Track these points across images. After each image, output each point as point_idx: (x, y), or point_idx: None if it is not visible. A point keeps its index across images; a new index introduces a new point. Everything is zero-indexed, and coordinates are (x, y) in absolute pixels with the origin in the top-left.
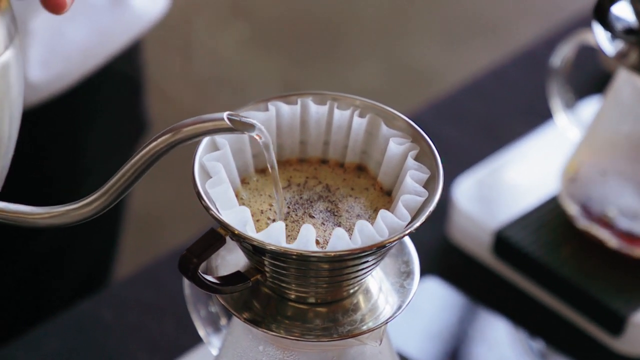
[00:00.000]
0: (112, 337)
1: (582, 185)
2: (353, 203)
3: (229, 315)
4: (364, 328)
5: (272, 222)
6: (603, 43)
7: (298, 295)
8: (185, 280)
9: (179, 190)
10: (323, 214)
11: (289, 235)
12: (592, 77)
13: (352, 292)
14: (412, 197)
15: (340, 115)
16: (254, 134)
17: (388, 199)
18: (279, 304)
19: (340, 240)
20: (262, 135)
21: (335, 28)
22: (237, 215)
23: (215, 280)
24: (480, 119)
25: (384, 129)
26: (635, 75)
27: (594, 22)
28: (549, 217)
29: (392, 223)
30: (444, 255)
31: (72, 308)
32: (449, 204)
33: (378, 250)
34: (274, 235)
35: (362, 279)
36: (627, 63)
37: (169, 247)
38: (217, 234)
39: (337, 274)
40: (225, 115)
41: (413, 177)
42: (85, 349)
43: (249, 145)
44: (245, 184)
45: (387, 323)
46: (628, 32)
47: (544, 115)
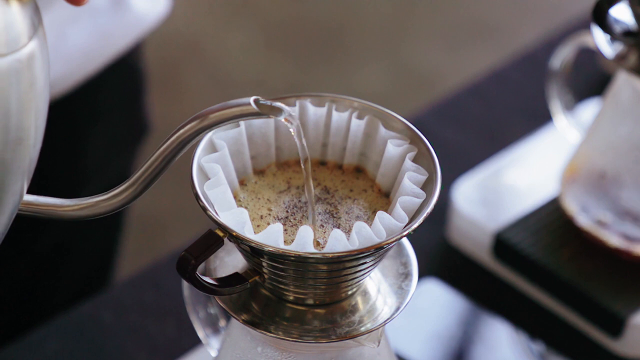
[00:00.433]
0: (112, 338)
1: (581, 187)
2: (352, 205)
3: (228, 317)
4: (362, 329)
5: None
6: (602, 45)
7: (296, 297)
8: (185, 282)
9: (181, 193)
10: (322, 216)
11: (288, 239)
12: (592, 79)
13: (350, 293)
14: (409, 198)
15: (339, 117)
16: (282, 118)
17: (386, 201)
18: (278, 306)
19: (338, 242)
20: (291, 120)
21: (340, 32)
22: (235, 217)
23: (213, 282)
24: (480, 121)
25: (382, 131)
26: (635, 77)
27: (593, 24)
28: (549, 218)
29: (389, 224)
30: (444, 257)
31: (72, 309)
32: (449, 206)
33: (376, 252)
34: (272, 237)
35: (360, 281)
36: (626, 65)
37: (171, 249)
38: (215, 236)
39: (335, 276)
40: (252, 100)
41: (411, 178)
42: (85, 351)
43: (248, 147)
44: (244, 186)
45: (385, 324)
46: (627, 34)
47: (544, 117)
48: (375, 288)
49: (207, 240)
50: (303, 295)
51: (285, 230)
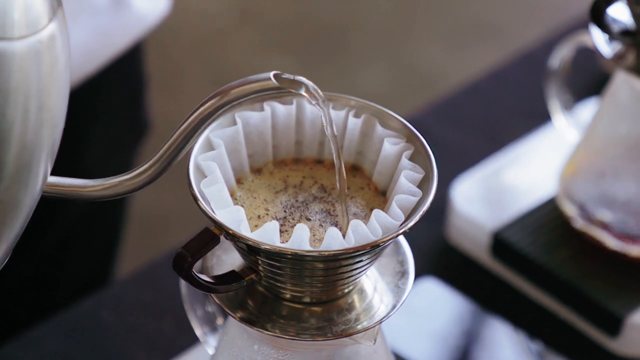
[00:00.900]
0: (110, 336)
1: (580, 186)
2: (349, 202)
3: (225, 315)
4: (359, 327)
5: None
6: (600, 45)
7: (293, 295)
8: (182, 280)
9: (184, 192)
10: (320, 215)
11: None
12: (591, 78)
13: (346, 291)
14: (406, 197)
15: (336, 116)
16: (303, 92)
17: (383, 199)
18: (274, 304)
19: (334, 240)
20: (314, 94)
21: (342, 32)
22: (231, 215)
23: (210, 280)
24: (479, 121)
25: (379, 129)
26: (633, 77)
27: (591, 24)
28: (547, 218)
29: (385, 223)
30: (442, 256)
31: (71, 308)
32: (448, 205)
33: (372, 250)
34: (268, 235)
35: (356, 279)
36: (624, 64)
37: (172, 248)
38: (211, 233)
39: (331, 274)
40: (272, 75)
41: (407, 177)
42: (84, 349)
43: (245, 146)
44: (240, 184)
45: (381, 322)
46: (625, 33)
47: (543, 117)
48: (372, 286)
49: (203, 238)
50: (299, 293)
51: (287, 231)
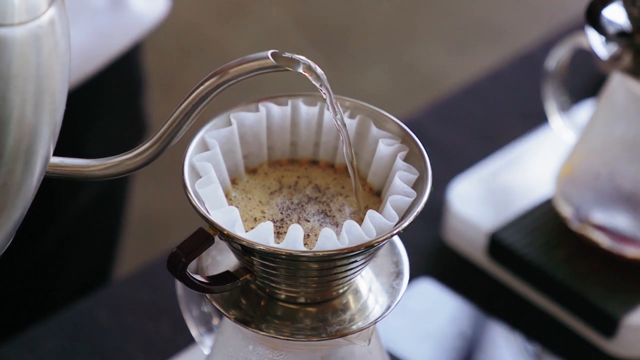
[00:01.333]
0: (107, 337)
1: (576, 188)
2: (344, 202)
3: (221, 315)
4: (353, 328)
5: None
6: (597, 46)
7: (287, 295)
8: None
9: (183, 193)
10: (317, 216)
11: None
12: (588, 80)
13: (341, 292)
14: (400, 197)
15: (331, 117)
16: (301, 70)
17: (378, 199)
18: (269, 304)
19: (328, 240)
20: (311, 72)
21: (344, 33)
22: (225, 215)
23: (204, 280)
24: (477, 122)
25: (374, 130)
26: (629, 78)
27: (587, 25)
28: (544, 219)
29: (380, 223)
30: (439, 257)
31: (68, 308)
32: (445, 206)
33: (366, 250)
34: (263, 235)
35: (351, 279)
36: (620, 66)
37: (169, 248)
38: (205, 234)
39: (326, 274)
40: (270, 53)
41: (402, 177)
42: (81, 349)
43: (240, 146)
44: (235, 185)
45: (375, 323)
46: (621, 35)
47: (540, 118)
48: (367, 287)
49: (197, 238)
50: (294, 294)
51: (285, 233)
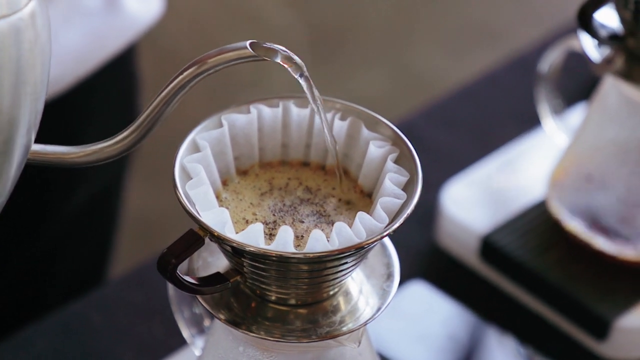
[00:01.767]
0: (100, 338)
1: (569, 190)
2: (336, 202)
3: (212, 317)
4: (344, 329)
5: None
6: (589, 49)
7: (278, 297)
8: None
9: None
10: (311, 217)
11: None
12: (582, 83)
13: (332, 293)
14: (390, 199)
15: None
16: (279, 61)
17: (369, 201)
18: (259, 305)
19: (318, 242)
20: (290, 62)
21: (341, 35)
22: (216, 217)
23: (194, 281)
24: (470, 124)
25: (365, 132)
26: (621, 81)
27: (579, 28)
28: (536, 221)
29: (370, 225)
30: (432, 260)
31: (60, 309)
32: (437, 208)
33: (356, 252)
34: (253, 237)
35: (341, 281)
36: (612, 69)
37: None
38: (195, 235)
39: (316, 276)
40: (248, 43)
41: (392, 179)
42: (73, 351)
43: (231, 148)
44: (226, 186)
45: (365, 325)
46: (613, 38)
47: (533, 121)
48: (357, 289)
49: (187, 240)
50: (285, 295)
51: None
